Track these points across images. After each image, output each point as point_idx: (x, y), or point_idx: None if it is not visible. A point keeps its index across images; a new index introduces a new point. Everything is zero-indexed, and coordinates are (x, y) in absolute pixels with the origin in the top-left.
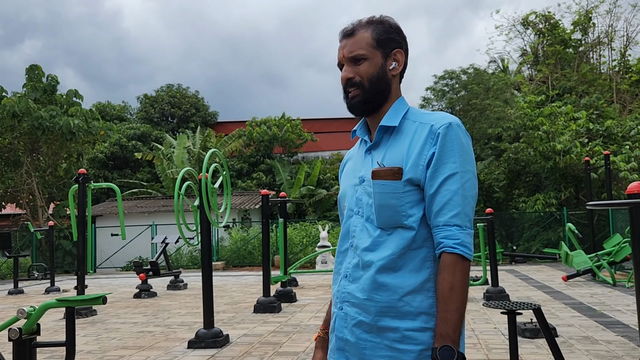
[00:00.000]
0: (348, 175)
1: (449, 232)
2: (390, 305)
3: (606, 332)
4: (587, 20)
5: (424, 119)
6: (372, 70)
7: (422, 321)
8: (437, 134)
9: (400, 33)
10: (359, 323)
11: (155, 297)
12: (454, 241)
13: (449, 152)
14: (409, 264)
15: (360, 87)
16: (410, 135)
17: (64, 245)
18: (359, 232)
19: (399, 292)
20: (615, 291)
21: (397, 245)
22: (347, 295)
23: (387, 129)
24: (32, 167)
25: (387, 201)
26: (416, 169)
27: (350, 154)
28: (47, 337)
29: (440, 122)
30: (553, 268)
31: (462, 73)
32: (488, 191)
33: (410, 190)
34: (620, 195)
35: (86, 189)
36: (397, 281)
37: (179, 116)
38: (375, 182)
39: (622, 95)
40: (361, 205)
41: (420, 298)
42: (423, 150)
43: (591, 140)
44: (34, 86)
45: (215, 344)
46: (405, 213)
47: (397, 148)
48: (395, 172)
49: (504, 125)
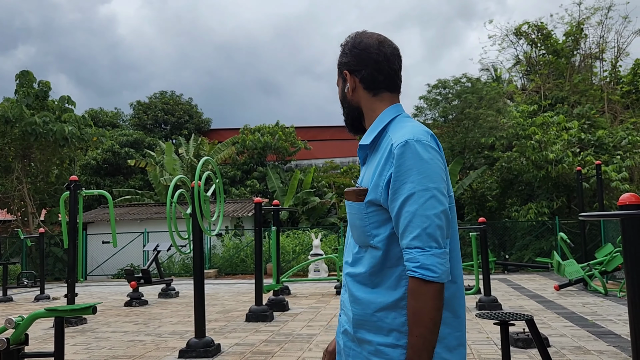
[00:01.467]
0: None
1: (410, 255)
2: (364, 319)
3: (598, 342)
4: (579, 31)
5: (394, 134)
6: (340, 94)
7: (394, 338)
8: (393, 155)
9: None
10: (345, 331)
11: (147, 306)
12: (414, 264)
13: (406, 172)
14: (384, 282)
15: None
16: (380, 153)
17: (55, 252)
18: (347, 247)
19: (371, 307)
20: (607, 301)
21: (369, 263)
22: (342, 304)
23: (363, 147)
24: (23, 173)
25: (353, 221)
26: (376, 190)
27: None
28: (35, 346)
29: (399, 140)
30: (545, 277)
31: (455, 83)
32: (481, 200)
33: (374, 211)
34: (611, 205)
35: (77, 195)
36: (371, 297)
37: (172, 123)
38: (346, 202)
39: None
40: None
41: (393, 315)
42: (383, 171)
43: (583, 150)
44: (26, 92)
45: (207, 354)
46: (370, 233)
47: (371, 166)
48: (358, 194)
49: (497, 134)
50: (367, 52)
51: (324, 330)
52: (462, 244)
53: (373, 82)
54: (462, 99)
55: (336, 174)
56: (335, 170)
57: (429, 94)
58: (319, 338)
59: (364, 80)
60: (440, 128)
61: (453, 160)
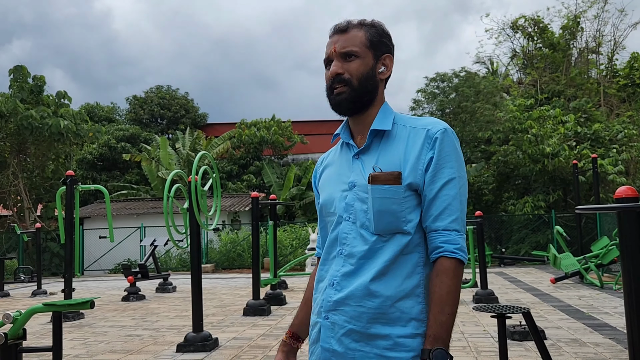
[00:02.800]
0: (332, 181)
1: (449, 237)
2: (381, 312)
3: (594, 335)
4: (576, 24)
5: (415, 124)
6: (363, 69)
7: (412, 327)
8: (435, 139)
9: (390, 40)
10: (349, 332)
11: (144, 300)
12: (455, 246)
13: (447, 156)
14: (401, 270)
15: (348, 85)
16: (404, 140)
17: (51, 247)
18: (352, 240)
19: (391, 298)
20: (603, 293)
21: (393, 251)
22: (334, 304)
23: (378, 132)
24: (18, 169)
25: (387, 206)
26: (415, 173)
27: (328, 160)
28: (33, 341)
29: (436, 127)
30: (541, 270)
31: (455, 76)
32: (477, 194)
33: (410, 195)
34: (608, 198)
35: (74, 190)
36: (389, 287)
37: (168, 117)
38: (375, 187)
39: (610, 99)
40: (353, 212)
41: (410, 304)
42: (421, 155)
43: (579, 143)
44: (20, 86)
45: (205, 348)
46: (405, 218)
47: (391, 153)
48: (396, 177)
49: (494, 128)
50: (394, 46)
51: None
52: None
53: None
54: (460, 93)
55: None
56: None
57: (426, 87)
58: None
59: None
60: None
61: None
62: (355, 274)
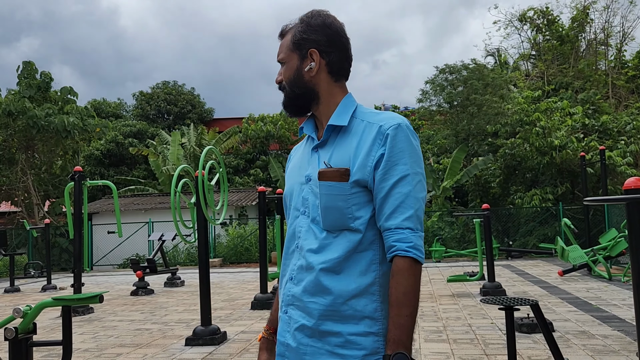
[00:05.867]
0: (294, 172)
1: (401, 235)
2: (333, 309)
3: (602, 327)
4: (585, 15)
5: (372, 119)
6: (289, 73)
7: (365, 325)
8: (386, 135)
9: (321, 30)
10: (301, 327)
11: (153, 295)
12: (407, 244)
13: (400, 153)
14: (354, 267)
15: (284, 91)
16: (358, 135)
17: (60, 243)
18: (305, 233)
19: (343, 295)
20: (611, 286)
21: (343, 248)
22: (291, 299)
23: (335, 127)
24: (27, 165)
25: (333, 203)
26: (364, 170)
27: (296, 150)
28: (43, 335)
29: (389, 122)
30: (549, 263)
31: (464, 68)
32: (484, 187)
33: (358, 192)
34: (616, 190)
35: (82, 186)
36: (342, 284)
37: (174, 113)
38: (322, 183)
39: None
40: (307, 205)
41: (364, 302)
42: (371, 151)
43: (587, 135)
44: (28, 83)
45: (213, 341)
46: (351, 215)
47: (344, 148)
48: (342, 174)
49: (502, 121)
50: (339, 36)
51: None
52: (466, 231)
53: (339, 67)
54: (468, 85)
55: None
56: None
57: (435, 79)
58: None
59: (331, 64)
60: (444, 114)
61: (457, 148)
62: (307, 268)
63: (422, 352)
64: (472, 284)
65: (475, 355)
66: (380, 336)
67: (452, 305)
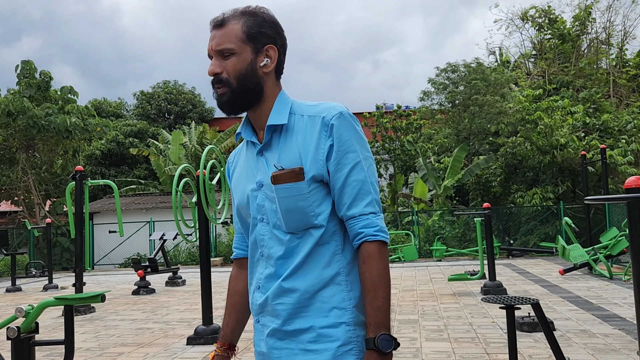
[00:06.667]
0: (242, 179)
1: (367, 221)
2: (300, 305)
3: (603, 326)
4: (587, 14)
5: (311, 112)
6: (240, 66)
7: (335, 316)
8: (331, 126)
9: (275, 28)
10: (272, 331)
11: (154, 294)
12: (374, 228)
13: (347, 141)
14: (318, 260)
15: (227, 85)
16: (301, 131)
17: (62, 242)
18: (268, 241)
19: (310, 290)
20: (612, 284)
21: (308, 246)
22: (260, 307)
23: (276, 127)
24: (28, 165)
25: (294, 204)
26: (317, 164)
27: (236, 159)
28: (45, 334)
29: (331, 112)
30: (550, 262)
31: (465, 67)
32: (485, 186)
33: (316, 187)
34: (617, 189)
35: (83, 186)
36: (306, 280)
37: (175, 112)
38: (278, 186)
39: (619, 90)
40: (265, 212)
41: (330, 292)
42: (319, 144)
43: (588, 134)
44: (28, 83)
45: (214, 340)
46: (314, 213)
47: (291, 147)
48: (297, 173)
49: (503, 120)
50: (283, 34)
51: None
52: (467, 230)
53: (282, 68)
54: (471, 85)
55: None
56: None
57: (437, 77)
58: None
59: (279, 63)
60: (446, 114)
61: (458, 147)
62: (276, 275)
63: (424, 351)
64: (473, 283)
65: (476, 354)
66: (352, 325)
67: (453, 304)
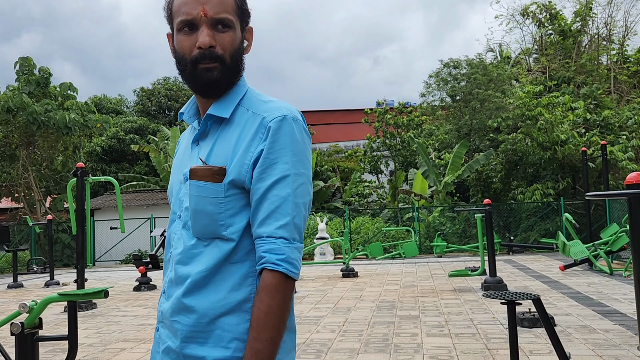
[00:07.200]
0: (175, 167)
1: (273, 246)
2: (198, 329)
3: (604, 321)
4: (588, 10)
5: (257, 109)
6: (236, 44)
7: (234, 349)
8: (268, 128)
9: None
10: (167, 349)
11: (155, 290)
12: (278, 257)
13: (281, 150)
14: (226, 281)
15: (220, 62)
16: (240, 127)
17: (63, 239)
18: (177, 241)
19: (210, 313)
20: (613, 280)
21: (213, 259)
22: (161, 315)
23: (215, 119)
24: (28, 161)
25: (202, 206)
26: (240, 168)
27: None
28: (48, 330)
29: (274, 114)
30: (550, 258)
31: (467, 64)
32: (486, 182)
33: (234, 194)
34: (618, 185)
35: (84, 182)
36: (208, 300)
37: (175, 109)
38: (192, 182)
39: (620, 86)
40: (182, 209)
41: (235, 320)
42: (250, 147)
43: (588, 130)
44: (27, 79)
45: None
46: (223, 222)
47: (226, 142)
48: (215, 173)
49: (503, 115)
50: None
51: (330, 312)
52: (467, 226)
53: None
54: (472, 80)
55: (340, 158)
56: (339, 154)
57: (439, 72)
58: (327, 320)
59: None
60: (447, 109)
61: (459, 143)
62: (176, 281)
63: (424, 347)
64: (473, 278)
65: (477, 350)
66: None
67: (453, 300)
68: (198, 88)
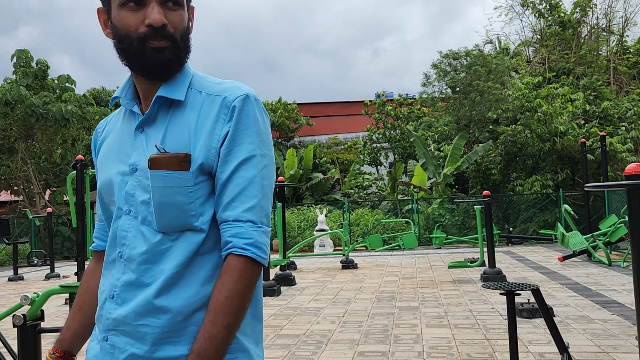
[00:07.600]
0: (110, 157)
1: (240, 229)
2: (171, 329)
3: (602, 312)
4: (588, 0)
5: (212, 90)
6: (185, 23)
7: None
8: (232, 108)
9: None
10: (131, 356)
11: None
12: (246, 240)
13: (246, 130)
14: (196, 274)
15: (172, 41)
16: (196, 110)
17: (63, 231)
18: (132, 239)
19: (184, 311)
20: (611, 271)
21: (183, 254)
22: (113, 322)
23: (166, 100)
24: (27, 154)
25: (170, 198)
26: (208, 153)
27: (107, 128)
28: (49, 322)
29: (235, 93)
30: (549, 249)
31: (466, 55)
32: (485, 173)
33: (202, 181)
34: (617, 176)
35: (84, 175)
36: (181, 297)
37: None
38: (155, 173)
39: (620, 77)
40: (133, 203)
41: None
42: (215, 129)
43: (587, 121)
44: (24, 72)
45: None
46: (194, 212)
47: (180, 127)
48: (181, 160)
49: (503, 106)
50: None
51: (330, 304)
52: (466, 217)
53: None
54: (472, 71)
55: (339, 150)
56: (338, 146)
57: (439, 63)
58: (326, 311)
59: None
60: (446, 101)
61: (458, 135)
62: (138, 284)
63: (424, 337)
64: (472, 270)
65: (476, 340)
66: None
67: (453, 291)
68: (146, 69)
